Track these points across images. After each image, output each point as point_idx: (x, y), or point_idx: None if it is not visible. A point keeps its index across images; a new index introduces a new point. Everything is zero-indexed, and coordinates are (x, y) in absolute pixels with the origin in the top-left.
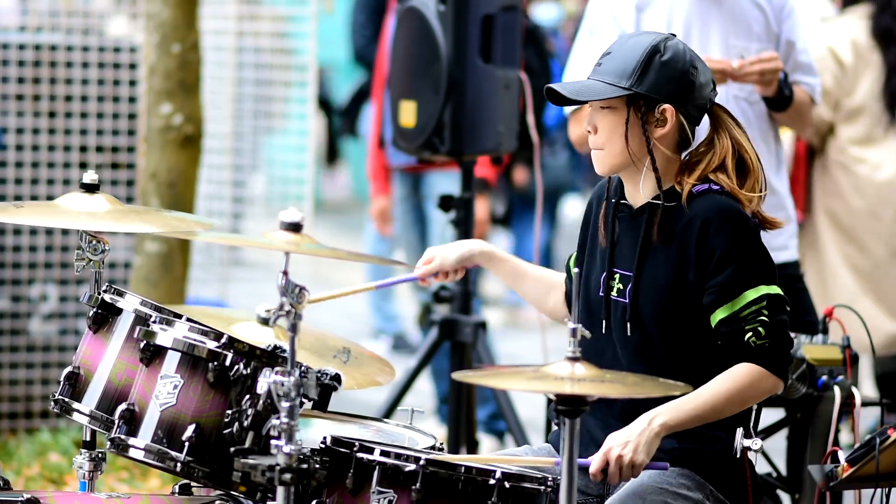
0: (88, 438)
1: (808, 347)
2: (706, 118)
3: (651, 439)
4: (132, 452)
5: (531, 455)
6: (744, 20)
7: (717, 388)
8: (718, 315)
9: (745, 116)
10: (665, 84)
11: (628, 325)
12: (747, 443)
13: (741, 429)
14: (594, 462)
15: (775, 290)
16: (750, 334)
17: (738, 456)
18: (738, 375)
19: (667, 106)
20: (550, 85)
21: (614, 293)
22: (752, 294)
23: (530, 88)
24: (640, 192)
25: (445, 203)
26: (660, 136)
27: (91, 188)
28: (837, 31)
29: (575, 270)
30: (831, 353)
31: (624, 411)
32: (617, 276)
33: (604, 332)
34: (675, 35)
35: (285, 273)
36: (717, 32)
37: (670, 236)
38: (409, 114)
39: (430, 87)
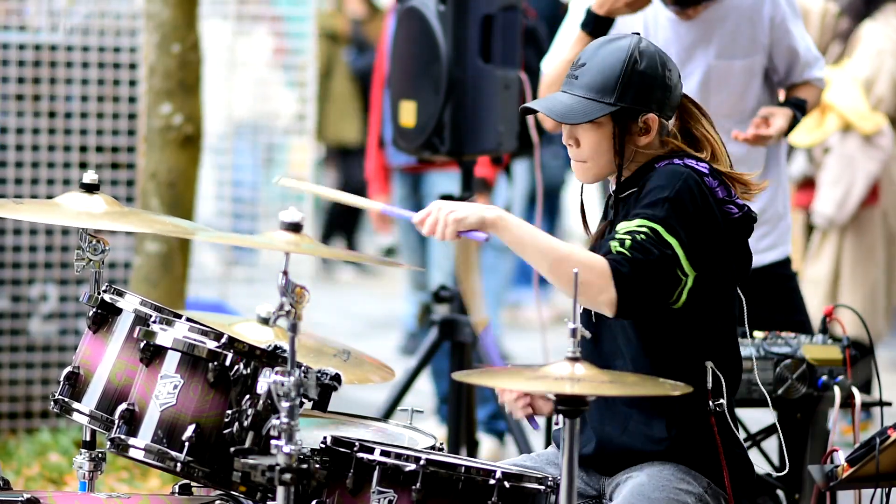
0: (88, 438)
1: (808, 347)
2: None
3: (481, 214)
4: (132, 452)
5: (530, 463)
6: (727, 36)
7: (565, 245)
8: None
9: (729, 76)
10: (647, 93)
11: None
12: (712, 403)
13: (710, 391)
14: (420, 212)
15: (668, 235)
16: (615, 242)
17: (709, 421)
18: (589, 256)
19: (650, 115)
20: (529, 105)
21: None
22: (643, 222)
23: (530, 88)
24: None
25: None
26: (644, 144)
27: (91, 188)
28: None
29: (575, 271)
30: (831, 353)
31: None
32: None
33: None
34: (638, 33)
35: (285, 273)
36: (699, 52)
37: (627, 206)
38: (409, 114)
39: (430, 87)
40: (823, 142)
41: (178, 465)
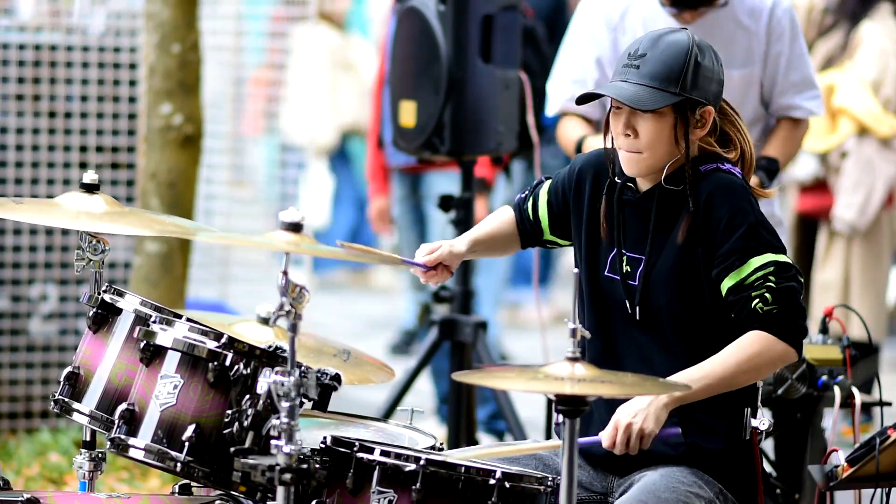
0: (88, 438)
1: (808, 347)
2: None
3: (660, 409)
4: (132, 452)
5: (544, 451)
6: (724, 45)
7: (726, 358)
8: (726, 284)
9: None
10: (707, 86)
11: (637, 308)
12: (755, 423)
13: (748, 408)
14: (605, 434)
15: (783, 257)
16: (757, 301)
17: (747, 437)
18: (747, 343)
19: (708, 107)
20: (597, 91)
21: (623, 274)
22: (758, 261)
23: (530, 88)
24: (649, 176)
25: (445, 203)
26: (699, 137)
27: (91, 188)
28: None
29: (575, 271)
30: (831, 353)
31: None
32: (625, 257)
33: (625, 311)
34: (686, 28)
35: (285, 273)
36: None
37: (676, 215)
38: (409, 114)
39: (430, 87)
40: (839, 147)
41: (178, 465)
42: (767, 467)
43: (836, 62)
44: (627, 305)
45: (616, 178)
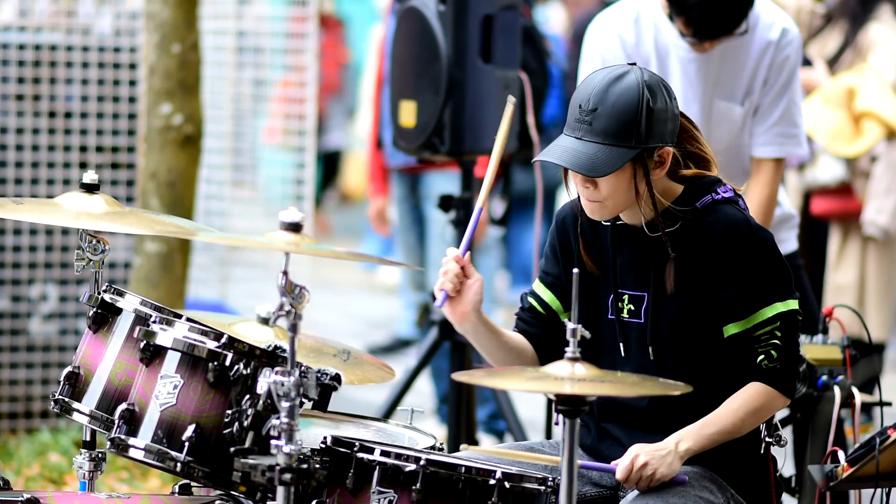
0: (88, 438)
1: (808, 347)
2: None
3: (675, 460)
4: (132, 452)
5: (549, 450)
6: (733, 76)
7: (734, 411)
8: (730, 330)
9: (730, 116)
10: (663, 129)
11: (650, 348)
12: (769, 439)
13: (763, 424)
14: (621, 467)
15: (790, 305)
16: (762, 357)
17: (762, 451)
18: (752, 396)
19: (666, 148)
20: (545, 158)
21: (625, 314)
22: (766, 312)
23: (530, 88)
24: (638, 214)
25: (445, 203)
26: (660, 176)
27: (91, 188)
28: None
29: (575, 271)
30: (831, 353)
31: (648, 419)
32: (626, 296)
33: (623, 354)
34: (634, 64)
35: (285, 273)
36: (704, 87)
37: (682, 252)
38: (409, 114)
39: (430, 87)
40: (869, 151)
41: (178, 465)
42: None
43: (844, 64)
44: (622, 347)
45: (603, 222)
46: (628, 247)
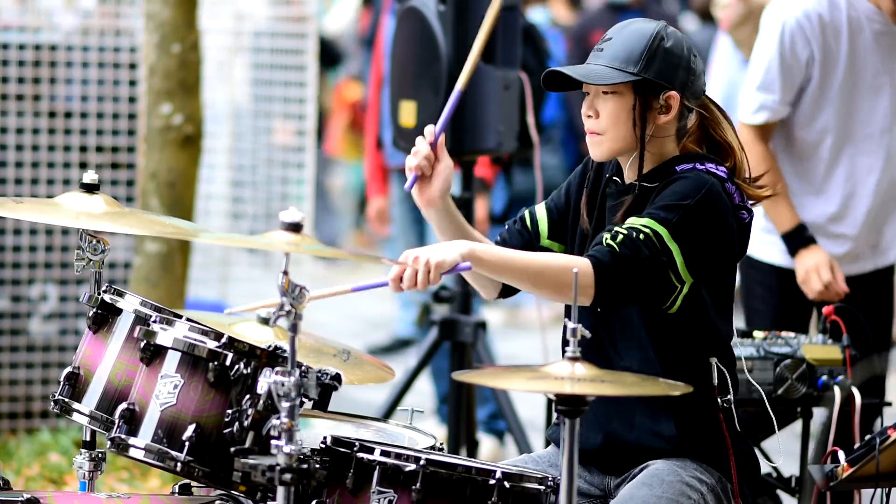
0: (88, 438)
1: (808, 347)
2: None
3: (458, 251)
4: (132, 452)
5: (531, 465)
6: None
7: (540, 258)
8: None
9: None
10: (671, 71)
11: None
12: (720, 400)
13: (716, 389)
14: (392, 271)
15: (673, 244)
16: (608, 236)
17: (720, 421)
18: (566, 260)
19: (672, 93)
20: (555, 68)
21: None
22: (648, 221)
23: (530, 88)
24: (629, 170)
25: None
26: (663, 123)
27: (91, 188)
28: None
29: (575, 271)
30: (831, 353)
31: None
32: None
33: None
34: (666, 23)
35: (285, 273)
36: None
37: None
38: (409, 114)
39: (430, 87)
40: None
41: (179, 464)
42: (769, 468)
43: None
44: None
45: (606, 174)
46: (611, 203)
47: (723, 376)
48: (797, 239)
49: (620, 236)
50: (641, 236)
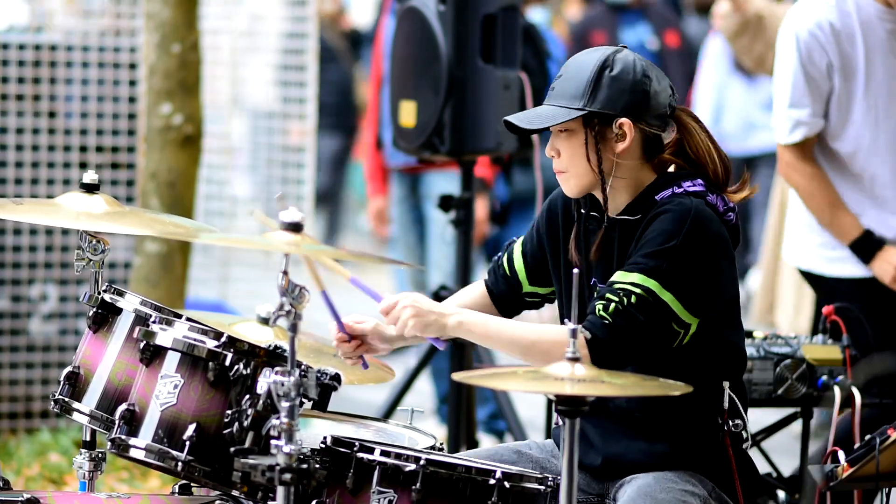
0: (88, 438)
1: (808, 347)
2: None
3: (442, 323)
4: (133, 452)
5: (536, 451)
6: None
7: (531, 330)
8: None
9: None
10: (618, 98)
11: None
12: (727, 426)
13: (719, 416)
14: (387, 300)
15: (667, 295)
16: (601, 305)
17: (721, 439)
18: (557, 332)
19: (623, 120)
20: (507, 118)
21: None
22: (638, 278)
23: (530, 88)
24: (613, 202)
25: (446, 203)
26: (622, 151)
27: (91, 188)
28: None
29: (575, 272)
30: (831, 353)
31: (620, 416)
32: (597, 289)
33: None
34: (625, 47)
35: (285, 273)
36: None
37: (628, 246)
38: (409, 114)
39: (430, 87)
40: None
41: (179, 464)
42: (769, 468)
43: None
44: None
45: (582, 209)
46: (594, 240)
47: (732, 401)
48: (868, 244)
49: (613, 305)
50: (633, 299)
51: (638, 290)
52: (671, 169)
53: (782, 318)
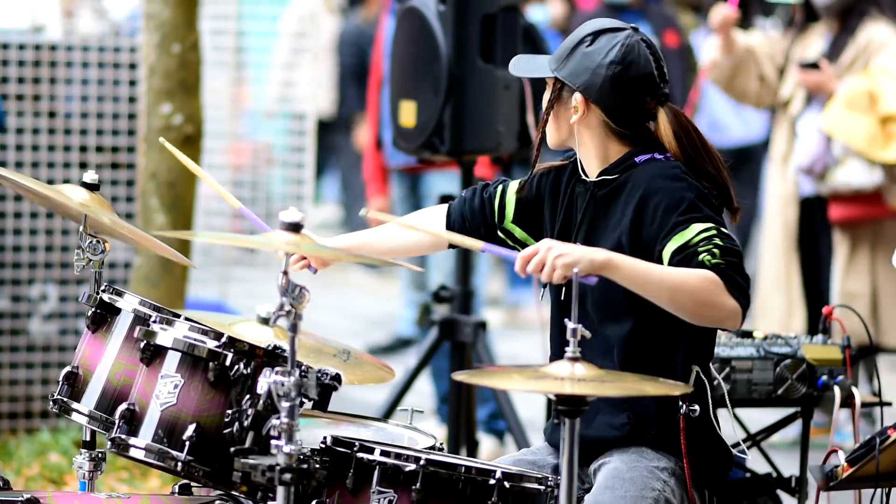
0: (88, 438)
1: (808, 347)
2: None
3: (587, 255)
4: (133, 452)
5: (530, 456)
6: None
7: (675, 270)
8: (669, 248)
9: None
10: (580, 73)
11: (590, 295)
12: (683, 410)
13: (681, 402)
14: (525, 250)
15: (724, 230)
16: (704, 254)
17: (680, 423)
18: (698, 273)
19: (577, 95)
20: (513, 60)
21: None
22: (700, 226)
23: (530, 88)
24: (589, 168)
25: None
26: (578, 122)
27: (91, 188)
28: None
29: (575, 271)
30: (831, 353)
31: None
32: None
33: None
34: (636, 30)
35: (285, 273)
36: None
37: (617, 205)
38: (409, 114)
39: (430, 87)
40: None
41: (179, 464)
42: (768, 468)
43: (844, 64)
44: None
45: (574, 176)
46: (580, 201)
47: (701, 384)
48: None
49: (716, 250)
50: (717, 240)
51: (712, 232)
52: None
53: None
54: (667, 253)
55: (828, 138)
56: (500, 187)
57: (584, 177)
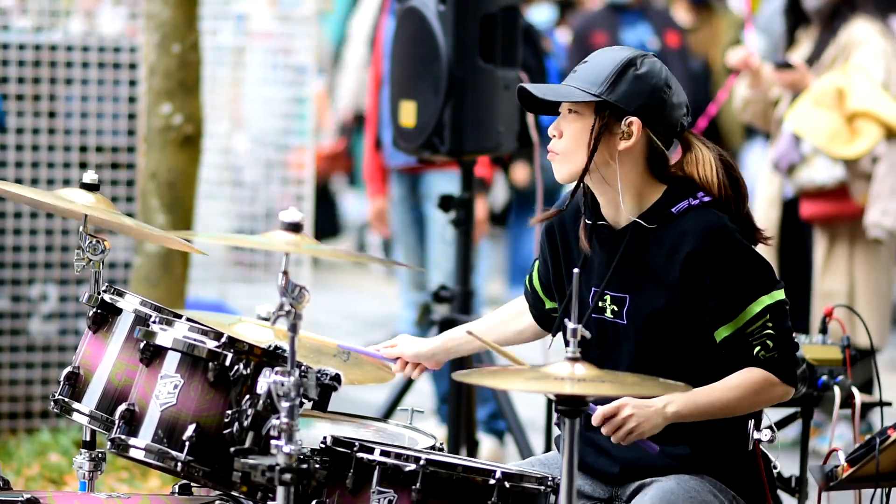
0: (88, 438)
1: (808, 347)
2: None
3: (660, 421)
4: (132, 452)
5: (538, 466)
6: None
7: (729, 387)
8: (722, 333)
9: None
10: (635, 97)
11: (625, 345)
12: (758, 435)
13: (752, 420)
14: (603, 410)
15: (776, 296)
16: (758, 348)
17: (750, 448)
18: (750, 378)
19: (634, 119)
20: (523, 84)
21: (608, 314)
22: (753, 308)
23: None
24: (620, 210)
25: (446, 203)
26: (624, 150)
27: (91, 188)
28: None
29: (575, 271)
30: (831, 353)
31: None
32: (608, 297)
33: (596, 348)
34: (654, 54)
35: (285, 273)
36: None
37: (658, 258)
38: (409, 114)
39: (430, 87)
40: (870, 152)
41: (179, 464)
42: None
43: (825, 63)
44: (597, 340)
45: (586, 220)
46: (606, 247)
47: (762, 410)
48: None
49: (770, 342)
50: (772, 324)
51: (763, 318)
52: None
53: None
54: (719, 337)
55: (796, 136)
56: (527, 277)
57: (604, 220)
